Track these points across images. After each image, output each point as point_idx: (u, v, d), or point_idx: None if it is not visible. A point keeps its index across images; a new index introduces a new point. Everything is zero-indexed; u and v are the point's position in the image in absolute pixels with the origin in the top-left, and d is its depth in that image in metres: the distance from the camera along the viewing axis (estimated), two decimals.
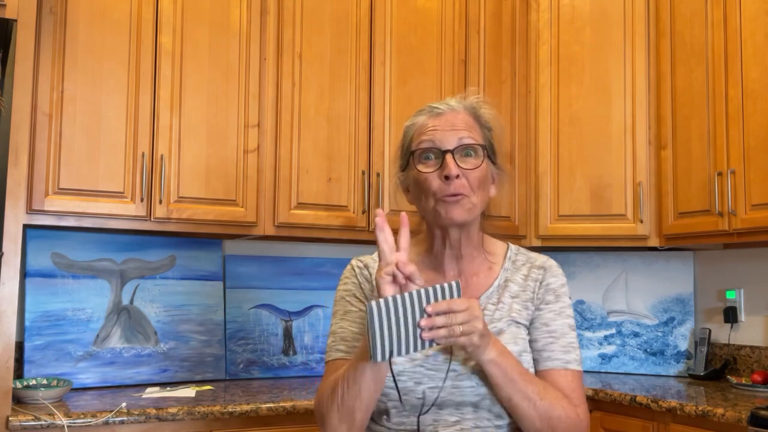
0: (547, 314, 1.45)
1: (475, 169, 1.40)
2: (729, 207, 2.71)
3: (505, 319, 1.43)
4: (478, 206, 1.44)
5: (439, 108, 1.45)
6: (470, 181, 1.40)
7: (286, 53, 2.82)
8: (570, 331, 1.45)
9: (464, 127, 1.42)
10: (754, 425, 2.17)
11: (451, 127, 1.42)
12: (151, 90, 2.59)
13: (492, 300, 1.46)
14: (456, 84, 3.13)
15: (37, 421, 2.12)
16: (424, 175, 1.41)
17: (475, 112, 1.47)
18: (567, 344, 1.44)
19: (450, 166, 1.38)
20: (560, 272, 1.51)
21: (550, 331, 1.44)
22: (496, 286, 1.48)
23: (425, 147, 1.42)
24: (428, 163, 1.42)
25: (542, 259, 1.53)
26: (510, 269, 1.51)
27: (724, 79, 2.78)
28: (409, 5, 3.07)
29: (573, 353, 1.43)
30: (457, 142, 1.40)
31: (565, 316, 1.46)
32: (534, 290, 1.47)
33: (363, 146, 2.94)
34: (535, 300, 1.47)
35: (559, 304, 1.47)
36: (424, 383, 1.37)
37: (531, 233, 3.27)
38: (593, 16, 3.24)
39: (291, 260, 3.17)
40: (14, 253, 2.24)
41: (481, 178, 1.42)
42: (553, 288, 1.47)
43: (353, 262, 1.57)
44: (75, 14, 2.49)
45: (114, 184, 2.51)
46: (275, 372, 3.01)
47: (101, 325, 2.73)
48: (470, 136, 1.42)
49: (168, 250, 2.91)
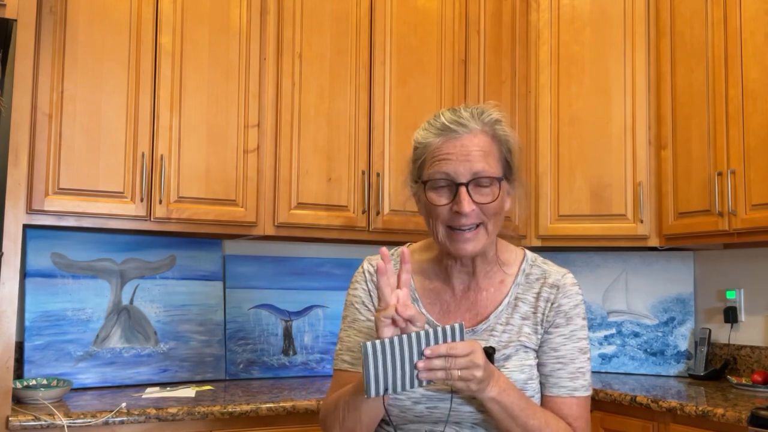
0: (557, 339, 1.40)
1: (491, 202, 1.35)
2: (729, 207, 2.71)
3: (514, 344, 1.39)
4: (493, 233, 1.40)
5: (455, 131, 1.35)
6: (485, 211, 1.36)
7: (286, 53, 2.82)
8: (580, 356, 1.40)
9: (480, 155, 1.34)
10: (754, 425, 2.17)
11: (465, 157, 1.33)
12: (151, 90, 2.59)
13: (501, 320, 1.41)
14: (456, 84, 3.13)
15: (37, 421, 2.12)
16: (435, 206, 1.36)
17: (494, 131, 1.39)
18: (576, 370, 1.39)
19: (464, 203, 1.32)
20: (574, 291, 1.43)
21: (559, 356, 1.40)
22: (505, 304, 1.42)
23: (438, 178, 1.35)
24: (440, 192, 1.36)
25: (556, 276, 1.44)
26: (522, 284, 1.44)
27: (724, 79, 2.78)
28: (409, 5, 3.07)
29: (581, 379, 1.39)
30: (471, 174, 1.33)
31: (575, 339, 1.41)
32: (544, 311, 1.41)
33: (363, 146, 2.94)
34: (544, 323, 1.41)
35: (570, 327, 1.41)
36: (422, 403, 1.35)
37: (531, 233, 3.27)
38: (593, 16, 3.24)
39: (291, 260, 3.17)
40: (14, 253, 2.23)
41: (498, 207, 1.37)
42: (565, 310, 1.41)
43: (365, 264, 1.53)
44: (75, 14, 2.49)
45: (114, 184, 2.51)
46: (275, 372, 3.01)
47: (101, 325, 2.73)
48: (485, 165, 1.34)
49: (168, 250, 2.91)
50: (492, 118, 1.39)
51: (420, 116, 3.05)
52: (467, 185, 1.33)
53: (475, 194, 1.34)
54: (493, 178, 1.35)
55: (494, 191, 1.35)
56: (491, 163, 1.35)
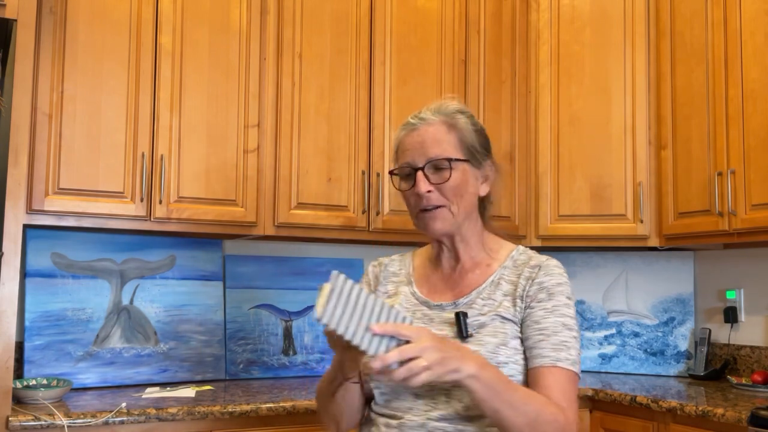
0: (539, 312, 1.44)
1: (446, 182, 1.47)
2: (729, 207, 2.71)
3: (491, 314, 1.44)
4: (461, 213, 1.50)
5: (413, 123, 1.52)
6: (444, 192, 1.48)
7: (286, 53, 2.82)
8: (564, 330, 1.42)
9: (433, 141, 1.49)
10: (754, 425, 2.17)
11: (420, 145, 1.49)
12: (151, 90, 2.59)
13: (482, 295, 1.49)
14: (456, 84, 3.13)
15: (37, 421, 2.12)
16: (403, 193, 1.53)
17: (451, 119, 1.51)
18: (559, 342, 1.40)
19: (418, 184, 1.47)
20: (558, 271, 1.49)
21: (541, 328, 1.42)
22: (488, 282, 1.50)
23: (402, 167, 1.52)
24: (406, 179, 1.52)
25: (541, 258, 1.52)
26: (509, 268, 1.52)
27: (724, 79, 2.78)
28: (409, 5, 3.07)
29: (565, 352, 1.40)
30: (425, 159, 1.48)
31: (558, 314, 1.43)
32: (525, 288, 1.47)
33: (363, 146, 2.94)
34: (525, 298, 1.46)
35: (552, 303, 1.44)
36: None
37: (531, 233, 3.27)
38: (593, 16, 3.24)
39: (291, 260, 3.17)
40: (14, 253, 2.23)
41: (456, 187, 1.48)
42: (547, 286, 1.45)
43: (369, 267, 1.70)
44: (75, 14, 2.49)
45: (114, 184, 2.51)
46: (275, 372, 3.01)
47: (101, 325, 2.73)
48: (438, 150, 1.48)
49: (168, 250, 2.91)
50: (449, 108, 1.53)
51: None
52: (423, 168, 1.48)
53: (433, 177, 1.48)
54: (446, 160, 1.47)
55: (447, 174, 1.47)
56: (446, 148, 1.48)
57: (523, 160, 3.28)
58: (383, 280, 1.64)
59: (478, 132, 1.54)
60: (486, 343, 1.41)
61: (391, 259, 1.69)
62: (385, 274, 1.65)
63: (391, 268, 1.66)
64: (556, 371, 1.38)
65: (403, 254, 1.70)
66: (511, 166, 3.24)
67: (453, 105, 1.54)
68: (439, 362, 1.22)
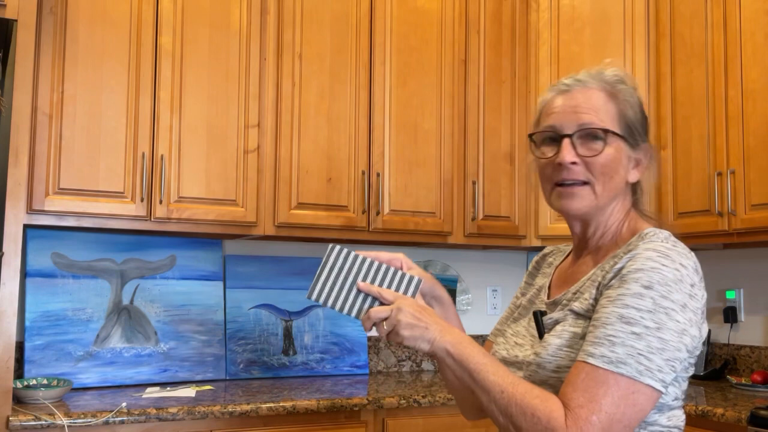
0: (603, 300, 1.19)
1: (597, 155, 1.26)
2: (729, 207, 2.71)
3: (566, 308, 1.26)
4: (604, 196, 1.28)
5: (566, 84, 1.32)
6: (591, 167, 1.26)
7: (286, 53, 2.82)
8: (617, 323, 1.13)
9: (589, 107, 1.28)
10: (754, 425, 2.17)
11: (573, 109, 1.29)
12: (151, 90, 2.59)
13: (575, 288, 1.29)
14: (456, 84, 3.13)
15: (37, 421, 2.12)
16: (540, 161, 1.33)
17: (613, 87, 1.31)
18: (604, 336, 1.13)
19: (563, 153, 1.26)
20: (647, 255, 1.17)
21: (594, 319, 1.17)
22: (590, 273, 1.29)
23: (545, 131, 1.32)
24: (548, 147, 1.32)
25: (644, 242, 1.23)
26: (618, 255, 1.25)
27: (723, 79, 2.78)
28: (409, 5, 3.07)
29: (606, 347, 1.12)
30: (577, 126, 1.27)
31: (619, 304, 1.14)
32: (606, 273, 1.22)
33: (363, 146, 2.94)
34: (601, 286, 1.22)
35: (619, 291, 1.16)
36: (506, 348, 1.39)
37: (531, 233, 3.27)
38: (593, 17, 3.24)
39: (291, 260, 3.17)
40: (14, 253, 2.24)
41: (607, 165, 1.26)
42: (623, 273, 1.18)
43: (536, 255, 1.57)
44: (75, 14, 2.49)
45: (114, 184, 2.51)
46: (275, 372, 3.01)
47: (101, 325, 2.73)
48: (595, 118, 1.27)
49: (168, 250, 2.91)
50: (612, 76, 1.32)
51: (420, 116, 3.07)
52: (572, 136, 1.27)
53: (581, 148, 1.27)
54: (602, 130, 1.26)
55: (600, 146, 1.26)
56: (603, 117, 1.28)
57: (523, 160, 3.28)
58: (534, 270, 1.53)
59: (640, 109, 1.33)
60: (549, 344, 1.23)
61: (557, 247, 1.54)
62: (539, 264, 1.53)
63: (550, 257, 1.52)
64: (585, 367, 1.13)
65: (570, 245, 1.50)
66: (511, 166, 3.24)
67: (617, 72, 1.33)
68: (408, 327, 1.21)
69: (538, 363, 1.23)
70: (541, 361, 1.22)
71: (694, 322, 1.17)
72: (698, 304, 1.19)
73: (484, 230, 3.15)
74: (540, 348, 1.24)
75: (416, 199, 3.00)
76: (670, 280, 1.15)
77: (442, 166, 3.07)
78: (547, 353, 1.22)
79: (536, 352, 1.25)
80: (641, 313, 1.13)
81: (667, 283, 1.14)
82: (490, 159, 3.19)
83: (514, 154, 3.26)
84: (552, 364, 1.21)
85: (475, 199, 3.13)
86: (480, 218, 3.14)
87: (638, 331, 1.12)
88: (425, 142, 3.05)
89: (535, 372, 1.24)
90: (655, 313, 1.13)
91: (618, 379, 1.11)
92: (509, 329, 1.42)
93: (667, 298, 1.14)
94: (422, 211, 3.01)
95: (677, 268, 1.16)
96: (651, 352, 1.11)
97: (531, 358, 1.26)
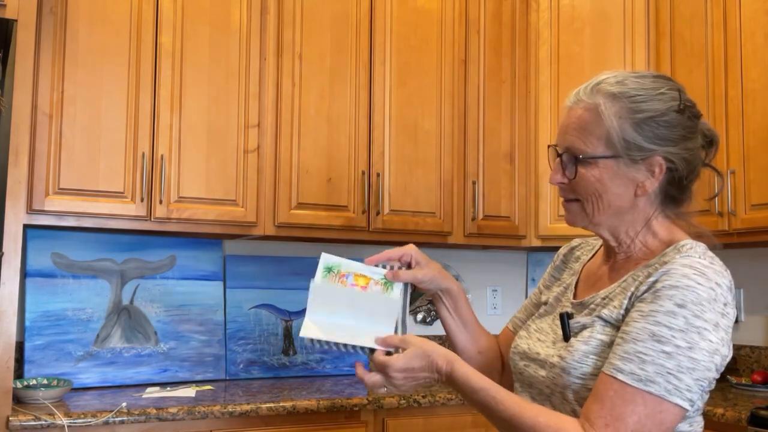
0: (633, 313, 1.17)
1: (573, 179, 1.27)
2: (729, 207, 2.71)
3: (595, 314, 1.25)
4: (599, 213, 1.27)
5: (568, 101, 1.33)
6: (576, 188, 1.28)
7: (286, 53, 2.82)
8: (648, 340, 1.12)
9: (576, 128, 1.27)
10: (754, 425, 2.17)
11: (565, 129, 1.30)
12: (151, 90, 2.59)
13: (605, 293, 1.28)
14: (456, 84, 3.13)
15: (37, 421, 2.12)
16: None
17: (605, 104, 1.25)
18: (634, 352, 1.12)
19: (551, 173, 1.31)
20: (682, 272, 1.15)
21: (624, 332, 1.16)
22: (621, 280, 1.27)
23: (551, 146, 1.35)
24: (553, 162, 1.33)
25: (679, 258, 1.19)
26: (652, 264, 1.23)
27: (724, 79, 2.78)
28: (409, 5, 3.07)
29: (636, 364, 1.12)
30: (564, 148, 1.29)
31: (651, 321, 1.13)
32: (639, 284, 1.21)
33: (363, 146, 2.94)
34: (633, 296, 1.21)
35: (652, 306, 1.14)
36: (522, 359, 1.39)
37: (531, 233, 3.27)
38: (593, 17, 3.24)
39: (291, 260, 3.17)
40: (14, 253, 2.24)
41: (589, 186, 1.26)
42: (657, 287, 1.16)
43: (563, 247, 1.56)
44: (75, 14, 2.49)
45: (114, 184, 2.51)
46: (275, 372, 3.01)
47: (101, 325, 2.73)
48: (576, 140, 1.26)
49: (168, 250, 2.91)
50: (606, 87, 1.27)
51: (420, 116, 3.07)
52: (561, 156, 1.29)
53: (567, 170, 1.29)
54: (574, 156, 1.27)
55: (574, 171, 1.26)
56: (587, 139, 1.26)
57: (523, 160, 3.28)
58: (561, 264, 1.51)
59: (643, 122, 1.24)
60: (575, 350, 1.22)
61: (585, 240, 1.52)
62: (567, 257, 1.51)
63: (577, 252, 1.50)
64: (613, 383, 1.12)
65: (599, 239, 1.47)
66: (511, 166, 3.24)
67: (609, 83, 1.27)
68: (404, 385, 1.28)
69: (562, 367, 1.23)
70: (566, 365, 1.22)
71: (725, 341, 1.15)
72: (729, 322, 1.17)
73: (484, 230, 3.15)
74: (565, 352, 1.24)
75: (416, 199, 3.00)
76: (704, 299, 1.13)
77: (442, 166, 3.07)
78: (573, 359, 1.22)
79: (561, 355, 1.25)
80: (673, 331, 1.12)
81: (701, 302, 1.13)
82: (490, 159, 3.19)
83: (514, 154, 3.26)
84: (577, 371, 1.21)
85: (475, 199, 3.13)
86: (480, 218, 3.14)
87: (669, 350, 1.11)
88: (425, 142, 3.05)
89: (558, 375, 1.24)
90: (687, 333, 1.12)
91: (646, 398, 1.11)
92: (533, 324, 1.42)
93: (699, 317, 1.13)
94: (422, 211, 3.01)
95: (712, 287, 1.15)
96: (681, 372, 1.11)
97: (555, 360, 1.25)
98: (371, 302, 1.35)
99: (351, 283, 1.37)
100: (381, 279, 1.39)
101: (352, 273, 1.38)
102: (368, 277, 1.37)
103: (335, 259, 1.40)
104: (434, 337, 3.20)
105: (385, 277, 1.40)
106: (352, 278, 1.37)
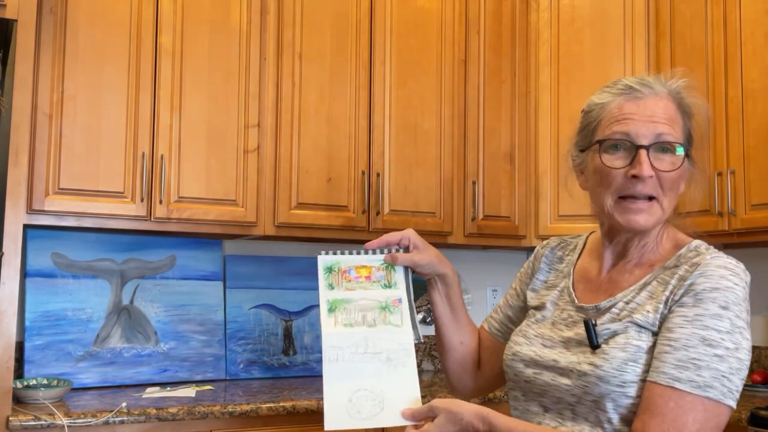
0: (676, 319, 1.15)
1: (672, 171, 1.22)
2: (729, 207, 2.71)
3: (626, 321, 1.21)
4: (667, 211, 1.25)
5: (640, 92, 1.24)
6: (662, 182, 1.22)
7: (286, 53, 2.82)
8: (700, 345, 1.11)
9: (665, 118, 1.23)
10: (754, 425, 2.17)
11: (649, 118, 1.22)
12: (151, 90, 2.59)
13: (627, 298, 1.25)
14: (456, 84, 3.13)
15: (37, 421, 2.12)
16: (609, 169, 1.24)
17: (680, 98, 1.26)
18: (688, 359, 1.11)
19: (643, 166, 1.20)
20: (719, 273, 1.18)
21: (671, 339, 1.14)
22: (641, 283, 1.25)
23: (617, 138, 1.24)
24: (616, 155, 1.24)
25: (706, 257, 1.21)
26: (671, 267, 1.23)
27: (724, 79, 2.78)
28: (409, 5, 3.07)
29: (692, 371, 1.11)
30: (654, 137, 1.22)
31: (699, 326, 1.13)
32: (673, 289, 1.18)
33: (363, 146, 2.94)
34: (669, 301, 1.18)
35: (696, 311, 1.14)
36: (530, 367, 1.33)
37: (531, 233, 3.27)
38: (593, 17, 3.24)
39: (291, 260, 3.17)
40: (14, 253, 2.24)
41: (676, 180, 1.24)
42: (697, 290, 1.15)
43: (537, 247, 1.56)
44: (75, 14, 2.49)
45: (114, 184, 2.51)
46: (275, 372, 3.01)
47: (101, 325, 2.73)
48: (671, 130, 1.23)
49: (168, 250, 2.91)
50: (679, 85, 1.27)
51: (420, 116, 3.07)
52: (648, 148, 1.21)
53: (655, 161, 1.22)
54: (677, 144, 1.23)
55: (675, 160, 1.23)
56: (676, 129, 1.24)
57: (523, 160, 3.28)
58: (544, 266, 1.48)
59: (705, 119, 1.30)
60: (612, 357, 1.18)
61: (563, 239, 1.51)
62: (549, 258, 1.49)
63: (559, 252, 1.48)
64: (672, 394, 1.10)
65: (577, 236, 1.50)
66: (510, 166, 3.24)
67: (683, 80, 1.28)
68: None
69: (599, 375, 1.18)
70: (604, 374, 1.17)
71: (750, 339, 1.19)
72: None
73: (484, 230, 3.15)
74: (600, 360, 1.19)
75: (416, 199, 3.00)
76: (741, 299, 1.18)
77: (442, 166, 3.07)
78: (611, 366, 1.17)
79: (594, 363, 1.19)
80: (721, 334, 1.13)
81: (739, 302, 1.17)
82: (490, 159, 3.19)
83: (514, 154, 3.26)
84: (617, 379, 1.17)
85: (475, 199, 3.13)
86: (480, 218, 3.14)
87: (720, 353, 1.12)
88: (425, 142, 3.05)
89: (593, 384, 1.18)
90: (733, 334, 1.14)
91: (705, 404, 1.10)
92: (530, 330, 1.37)
93: (740, 317, 1.16)
94: (422, 211, 3.01)
95: (744, 286, 1.20)
96: (732, 373, 1.12)
97: (586, 368, 1.20)
98: (384, 336, 1.33)
99: (354, 276, 1.36)
100: (381, 264, 1.40)
101: (353, 266, 1.38)
102: (369, 267, 1.38)
103: (332, 257, 1.39)
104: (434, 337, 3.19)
105: (384, 261, 1.41)
106: (354, 272, 1.36)
